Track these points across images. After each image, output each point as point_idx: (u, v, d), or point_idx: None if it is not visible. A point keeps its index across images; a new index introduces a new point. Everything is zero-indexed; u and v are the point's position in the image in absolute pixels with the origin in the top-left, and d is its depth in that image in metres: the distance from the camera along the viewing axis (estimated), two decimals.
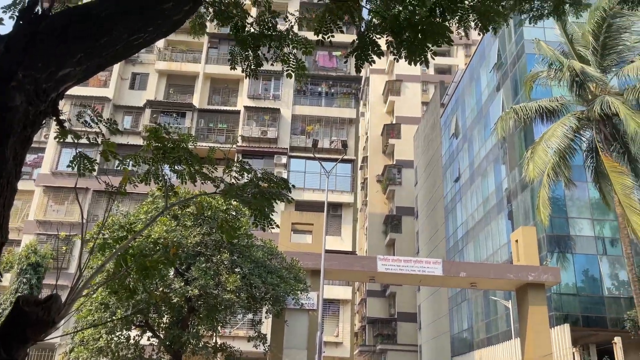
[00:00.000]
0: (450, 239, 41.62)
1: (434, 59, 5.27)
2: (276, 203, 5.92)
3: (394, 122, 56.44)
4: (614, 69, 20.72)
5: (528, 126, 24.99)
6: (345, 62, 35.55)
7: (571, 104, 21.62)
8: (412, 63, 4.88)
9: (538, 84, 22.84)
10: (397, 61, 5.03)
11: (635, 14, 19.15)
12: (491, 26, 5.79)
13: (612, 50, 20.29)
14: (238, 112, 32.82)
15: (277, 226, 5.86)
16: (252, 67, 5.20)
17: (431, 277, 19.00)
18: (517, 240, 19.34)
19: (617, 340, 22.94)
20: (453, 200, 41.66)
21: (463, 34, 5.84)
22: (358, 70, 5.12)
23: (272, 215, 5.99)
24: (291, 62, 5.40)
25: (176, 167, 4.99)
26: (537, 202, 21.14)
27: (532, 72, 23.42)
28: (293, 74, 5.57)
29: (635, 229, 18.41)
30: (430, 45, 4.69)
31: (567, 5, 7.65)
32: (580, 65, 19.70)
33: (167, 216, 15.10)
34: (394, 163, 54.59)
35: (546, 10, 7.72)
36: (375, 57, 5.22)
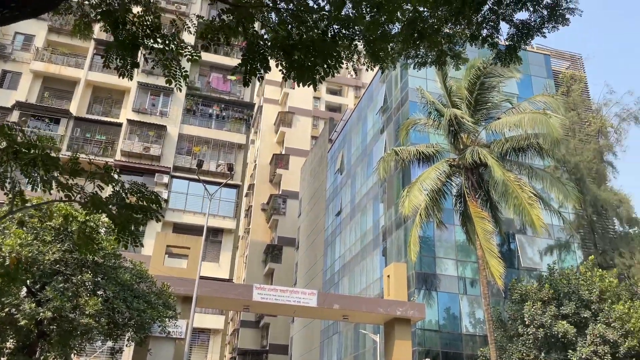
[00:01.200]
0: (327, 271, 42.35)
1: (322, 82, 5.34)
2: (148, 221, 5.52)
3: (283, 152, 57.01)
4: (483, 123, 22.81)
5: (406, 168, 26.52)
6: (238, 82, 35.38)
7: (445, 151, 23.31)
8: (302, 84, 4.89)
9: (416, 129, 24.41)
10: (286, 80, 5.01)
11: (503, 74, 21.39)
12: (379, 64, 6.03)
13: (482, 106, 22.35)
14: (120, 125, 31.01)
15: (141, 245, 5.43)
16: (128, 67, 4.85)
17: (306, 308, 19.03)
18: (389, 276, 20.14)
19: None
20: (333, 233, 42.64)
21: (353, 72, 6.02)
22: (246, 84, 5.01)
23: (140, 232, 5.57)
24: (173, 68, 5.14)
25: (30, 171, 4.43)
26: (409, 240, 22.28)
27: (411, 119, 24.99)
28: (174, 82, 5.30)
29: (493, 271, 20.05)
30: (319, 69, 4.74)
31: (449, 57, 8.25)
32: (456, 115, 21.37)
33: (22, 228, 13.57)
34: (280, 193, 54.87)
35: (430, 59, 8.25)
36: (265, 76, 5.16)
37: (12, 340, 14.36)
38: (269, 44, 4.70)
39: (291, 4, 4.84)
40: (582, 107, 29.56)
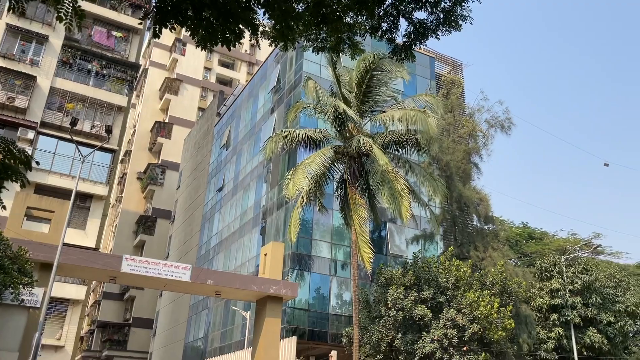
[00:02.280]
0: (203, 247, 41.62)
1: (229, 49, 5.16)
2: (7, 181, 4.95)
3: (166, 120, 54.62)
4: (369, 115, 23.72)
5: (293, 150, 26.81)
6: (124, 40, 33.12)
7: (332, 138, 23.92)
8: (204, 47, 4.67)
9: (306, 113, 24.73)
10: (185, 45, 4.76)
11: (392, 71, 22.37)
12: (283, 42, 5.98)
13: (370, 98, 23.22)
14: None
15: (4, 207, 4.87)
16: None
17: (178, 283, 18.55)
18: (265, 254, 20.31)
19: (333, 353, 25.74)
20: (213, 209, 41.92)
21: (253, 45, 5.90)
22: (156, 35, 4.55)
23: None
24: (66, 4, 4.61)
25: None
26: (289, 221, 22.63)
27: (300, 102, 25.25)
28: (64, 19, 4.77)
29: (363, 255, 21.10)
30: (228, 34, 4.56)
31: (347, 45, 8.42)
32: (344, 106, 22.00)
33: None
34: (159, 162, 52.62)
35: (329, 45, 8.37)
36: (154, 39, 4.84)
37: None
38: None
39: None
40: (458, 110, 31.97)
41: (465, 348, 20.59)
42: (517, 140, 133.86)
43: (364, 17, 7.75)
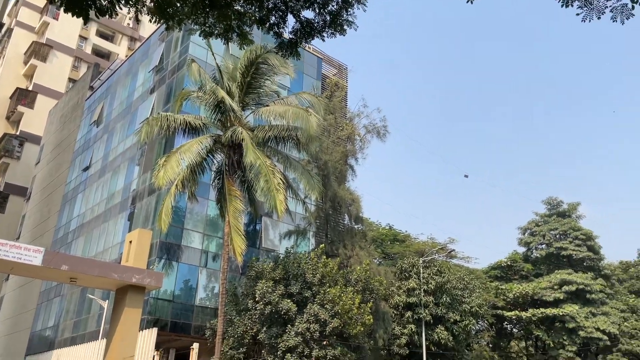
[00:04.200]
0: (61, 229, 38.42)
1: (98, 18, 4.77)
2: None
3: (30, 88, 49.58)
4: (252, 107, 23.57)
5: (171, 135, 25.72)
6: None
7: (212, 126, 23.37)
8: (73, 13, 4.26)
9: (188, 100, 23.91)
10: (60, 9, 4.31)
11: (279, 66, 22.43)
12: (164, 20, 5.69)
13: (254, 90, 23.09)
14: None
15: None
16: None
17: (27, 266, 16.82)
18: (131, 242, 19.19)
19: (195, 346, 25.22)
20: (76, 189, 38.85)
21: (133, 20, 5.54)
22: None
23: None
24: None
25: None
26: (160, 209, 21.71)
27: (185, 90, 24.35)
28: None
29: (235, 247, 20.92)
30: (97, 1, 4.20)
31: (235, 34, 8.27)
32: (224, 94, 21.59)
33: None
34: (18, 133, 47.63)
35: (217, 31, 8.15)
36: None
37: None
38: None
39: None
40: (340, 113, 33.02)
41: (325, 342, 21.32)
42: (392, 146, 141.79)
43: (253, 7, 7.68)
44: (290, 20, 7.40)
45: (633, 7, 5.58)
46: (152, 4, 5.35)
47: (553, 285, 40.29)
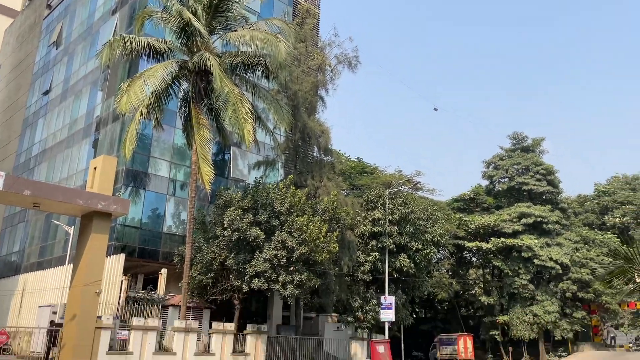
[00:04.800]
0: (22, 154, 37.42)
1: None
2: None
3: None
4: (220, 32, 22.70)
5: (134, 59, 24.73)
6: None
7: (177, 51, 22.53)
8: None
9: (152, 21, 22.83)
10: None
11: None
12: None
13: (222, 15, 22.14)
14: None
15: None
16: None
17: None
18: (95, 168, 18.88)
19: (164, 271, 25.65)
20: (37, 113, 37.51)
21: None
22: None
23: None
24: None
25: None
26: (125, 135, 21.24)
27: (148, 9, 23.18)
28: None
29: (203, 176, 20.85)
30: None
31: None
32: (190, 16, 20.60)
33: None
34: None
35: None
36: None
37: None
38: None
39: None
40: (311, 41, 32.11)
41: (292, 268, 21.95)
42: (364, 77, 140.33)
43: None
44: None
45: None
46: None
47: (512, 218, 41.90)
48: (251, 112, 20.94)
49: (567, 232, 43.24)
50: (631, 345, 46.81)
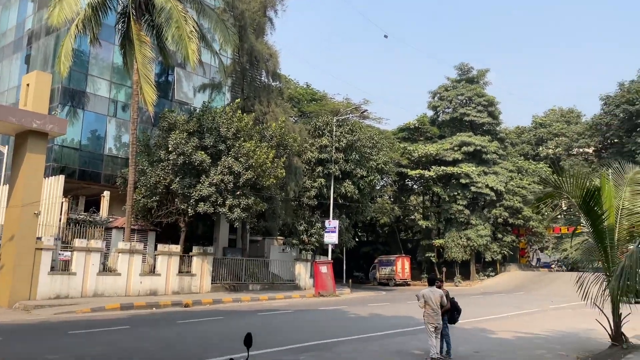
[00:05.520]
0: None
1: None
2: None
3: None
4: None
5: None
6: None
7: None
8: None
9: None
10: None
11: None
12: None
13: None
14: None
15: None
16: None
17: None
18: (28, 85, 17.81)
19: (106, 194, 25.23)
20: None
21: None
22: None
23: None
24: None
25: None
26: (60, 50, 19.99)
27: None
28: None
29: (146, 97, 20.14)
30: None
31: None
32: None
33: None
34: None
35: None
36: None
37: None
38: None
39: None
40: None
41: (238, 192, 22.10)
42: (315, 2, 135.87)
43: None
44: None
45: None
46: None
47: (454, 147, 43.40)
48: (196, 30, 20.09)
49: (504, 162, 45.38)
50: (553, 266, 51.08)
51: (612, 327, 10.16)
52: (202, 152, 21.78)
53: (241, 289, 24.91)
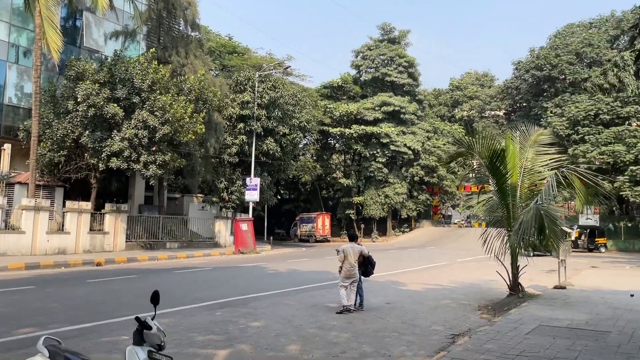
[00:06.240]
0: None
1: None
2: None
3: None
4: None
5: None
6: None
7: None
8: None
9: None
10: None
11: None
12: None
13: None
14: None
15: None
16: None
17: None
18: None
19: (7, 147, 23.37)
20: None
21: None
22: None
23: None
24: None
25: None
26: None
27: None
28: None
29: (50, 43, 18.61)
30: None
31: None
32: None
33: None
34: None
35: None
36: None
37: None
38: None
39: None
40: None
41: (154, 148, 21.27)
42: None
43: None
44: None
45: None
46: None
47: (375, 106, 44.16)
48: None
49: (422, 123, 46.91)
50: (463, 222, 54.32)
51: (511, 278, 11.00)
52: (115, 105, 20.61)
53: (158, 247, 24.36)
